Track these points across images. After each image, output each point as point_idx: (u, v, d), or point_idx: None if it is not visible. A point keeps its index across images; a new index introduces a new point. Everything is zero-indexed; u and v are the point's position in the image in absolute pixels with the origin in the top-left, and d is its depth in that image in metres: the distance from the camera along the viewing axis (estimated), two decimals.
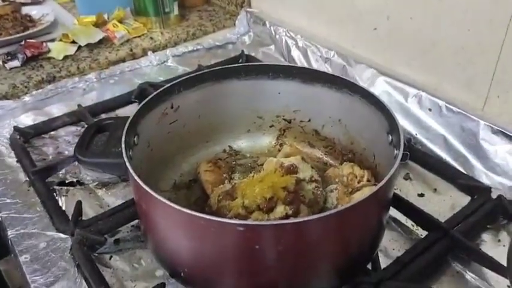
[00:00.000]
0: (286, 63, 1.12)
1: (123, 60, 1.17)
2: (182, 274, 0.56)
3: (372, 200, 0.52)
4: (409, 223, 0.68)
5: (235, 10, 1.38)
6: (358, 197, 0.62)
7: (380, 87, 0.91)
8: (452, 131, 0.80)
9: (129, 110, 0.97)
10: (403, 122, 0.86)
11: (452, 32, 0.82)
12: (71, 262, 0.63)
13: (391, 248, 0.65)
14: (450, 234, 0.63)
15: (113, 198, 0.75)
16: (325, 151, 0.79)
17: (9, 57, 1.12)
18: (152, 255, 0.63)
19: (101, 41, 1.22)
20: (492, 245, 0.66)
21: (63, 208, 0.73)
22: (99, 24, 1.29)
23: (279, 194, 0.59)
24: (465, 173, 0.77)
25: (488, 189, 0.72)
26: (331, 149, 0.78)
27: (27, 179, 0.78)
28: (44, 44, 1.17)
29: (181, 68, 1.14)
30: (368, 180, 0.65)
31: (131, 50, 1.20)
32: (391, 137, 0.62)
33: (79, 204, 0.70)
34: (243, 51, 1.15)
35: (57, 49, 1.17)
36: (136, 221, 0.69)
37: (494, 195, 0.71)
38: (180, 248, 0.56)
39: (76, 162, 0.79)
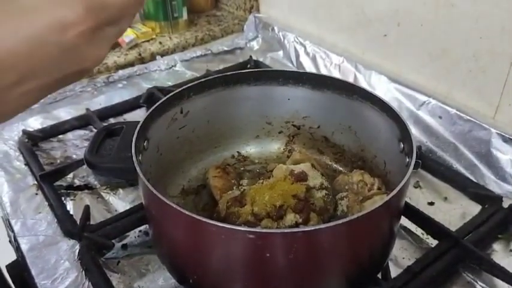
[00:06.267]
0: (296, 69, 1.12)
1: (132, 65, 1.17)
2: (191, 281, 0.56)
3: (384, 208, 0.51)
4: (419, 232, 0.68)
5: (244, 15, 1.38)
6: (369, 205, 0.61)
7: (390, 94, 0.91)
8: (463, 139, 0.79)
9: (137, 115, 0.97)
10: (413, 129, 0.85)
11: (463, 40, 0.82)
12: (79, 267, 0.63)
13: (401, 256, 0.65)
14: (461, 243, 0.62)
15: (121, 203, 0.75)
16: (335, 158, 0.78)
17: None
18: (160, 261, 0.62)
19: None
20: (503, 255, 0.65)
21: (71, 212, 0.72)
22: None
23: (289, 201, 0.58)
24: (476, 181, 0.76)
25: (499, 199, 0.71)
26: (341, 156, 0.77)
27: (35, 182, 0.78)
28: None
29: (189, 72, 1.14)
30: (378, 188, 0.64)
31: (140, 54, 1.20)
32: (402, 145, 0.61)
33: (87, 208, 0.70)
34: (251, 56, 1.15)
35: None
36: (145, 226, 0.69)
37: (505, 205, 0.70)
38: (189, 254, 0.55)
39: (84, 166, 0.79)
